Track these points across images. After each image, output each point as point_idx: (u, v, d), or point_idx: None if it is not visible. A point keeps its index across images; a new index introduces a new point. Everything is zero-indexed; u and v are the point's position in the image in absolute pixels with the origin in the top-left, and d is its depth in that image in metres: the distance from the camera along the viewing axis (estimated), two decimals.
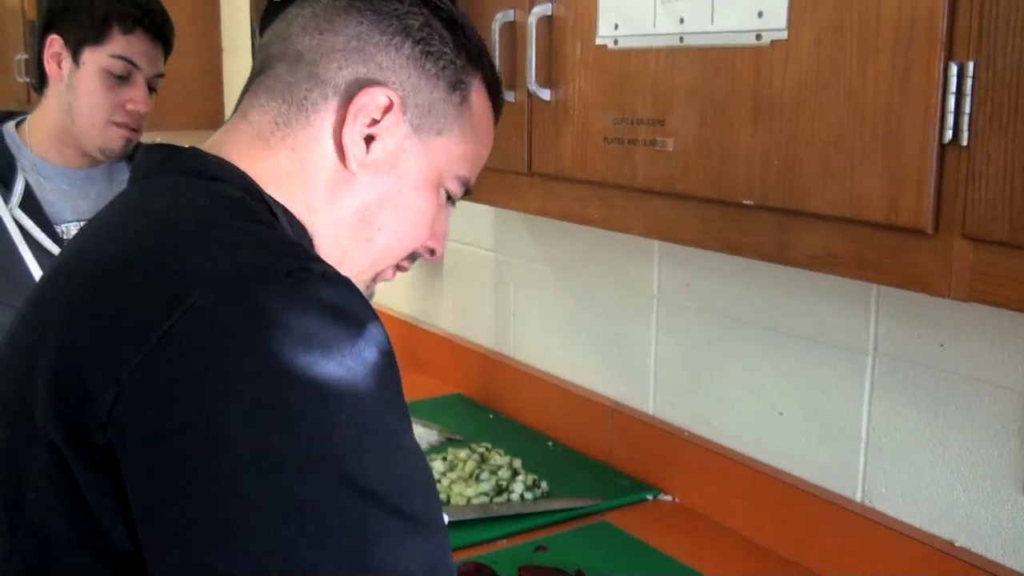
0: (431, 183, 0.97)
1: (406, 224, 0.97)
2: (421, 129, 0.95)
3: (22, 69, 3.83)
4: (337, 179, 0.93)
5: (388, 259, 0.99)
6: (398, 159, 0.94)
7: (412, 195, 0.96)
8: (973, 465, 1.41)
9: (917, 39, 0.96)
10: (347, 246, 0.96)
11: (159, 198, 0.88)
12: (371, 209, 0.95)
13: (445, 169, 0.97)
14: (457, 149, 0.98)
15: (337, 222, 0.94)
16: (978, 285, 0.95)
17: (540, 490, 1.86)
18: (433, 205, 0.98)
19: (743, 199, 1.15)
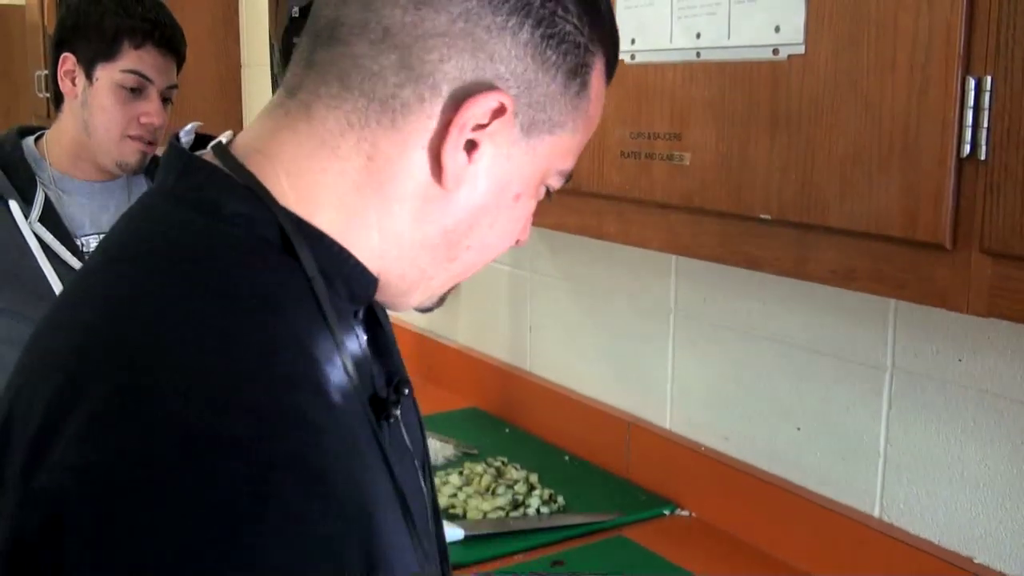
0: (535, 187, 0.80)
1: (498, 237, 0.80)
2: (532, 131, 0.77)
3: (43, 85, 3.86)
4: (427, 196, 0.76)
5: (470, 272, 0.82)
6: (501, 169, 0.77)
7: (511, 205, 0.79)
8: (992, 481, 1.40)
9: (934, 54, 0.96)
10: (426, 266, 0.79)
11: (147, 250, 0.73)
12: (462, 228, 0.78)
13: (550, 168, 0.80)
14: (567, 144, 0.80)
15: (419, 244, 0.77)
16: (997, 300, 0.95)
17: (556, 504, 1.86)
18: (531, 209, 0.82)
19: (761, 214, 1.15)
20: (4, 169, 1.79)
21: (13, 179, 1.78)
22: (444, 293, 0.83)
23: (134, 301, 0.69)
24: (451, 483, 1.93)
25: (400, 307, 0.82)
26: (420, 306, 0.83)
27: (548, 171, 0.80)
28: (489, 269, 2.39)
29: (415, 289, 0.80)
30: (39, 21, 3.96)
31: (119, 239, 0.77)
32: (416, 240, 0.77)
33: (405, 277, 0.78)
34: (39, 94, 3.98)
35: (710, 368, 1.84)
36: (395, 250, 0.77)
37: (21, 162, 1.81)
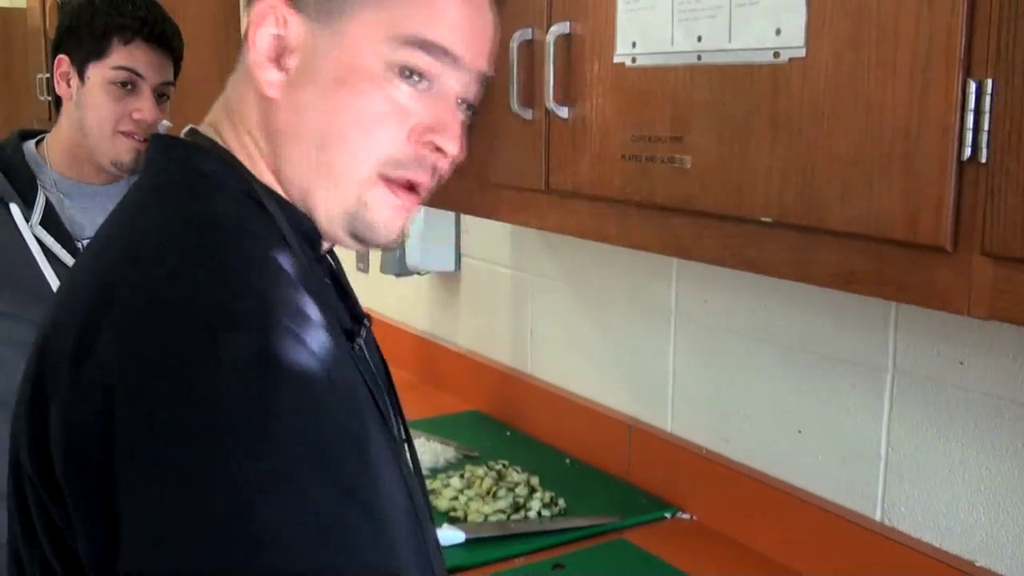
0: (363, 70, 0.84)
1: (353, 126, 0.85)
2: (328, 17, 0.85)
3: (44, 88, 3.87)
4: (265, 113, 0.87)
5: (353, 173, 0.86)
6: (314, 63, 0.85)
7: (343, 93, 0.84)
8: (993, 484, 1.40)
9: (935, 57, 0.96)
10: (306, 179, 0.87)
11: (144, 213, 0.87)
12: (298, 128, 0.86)
13: (373, 46, 0.84)
14: (379, 16, 0.84)
15: (279, 157, 0.87)
16: (998, 302, 0.95)
17: (558, 507, 1.86)
18: (381, 93, 0.85)
19: (761, 216, 1.15)
20: (5, 172, 1.79)
21: (14, 182, 1.78)
22: (354, 208, 0.87)
23: (146, 236, 0.82)
24: (452, 486, 1.93)
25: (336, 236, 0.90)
26: (353, 233, 0.89)
27: (376, 49, 0.84)
28: (490, 272, 2.40)
29: (311, 207, 0.87)
30: (40, 24, 3.96)
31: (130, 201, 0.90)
32: (276, 155, 0.87)
33: (297, 200, 0.88)
34: (40, 97, 3.98)
35: (711, 371, 1.84)
36: (277, 177, 0.88)
37: (22, 165, 1.81)
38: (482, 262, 2.47)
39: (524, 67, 1.48)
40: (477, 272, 2.49)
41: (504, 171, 1.57)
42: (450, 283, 2.62)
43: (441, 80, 0.87)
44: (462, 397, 2.53)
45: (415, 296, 2.78)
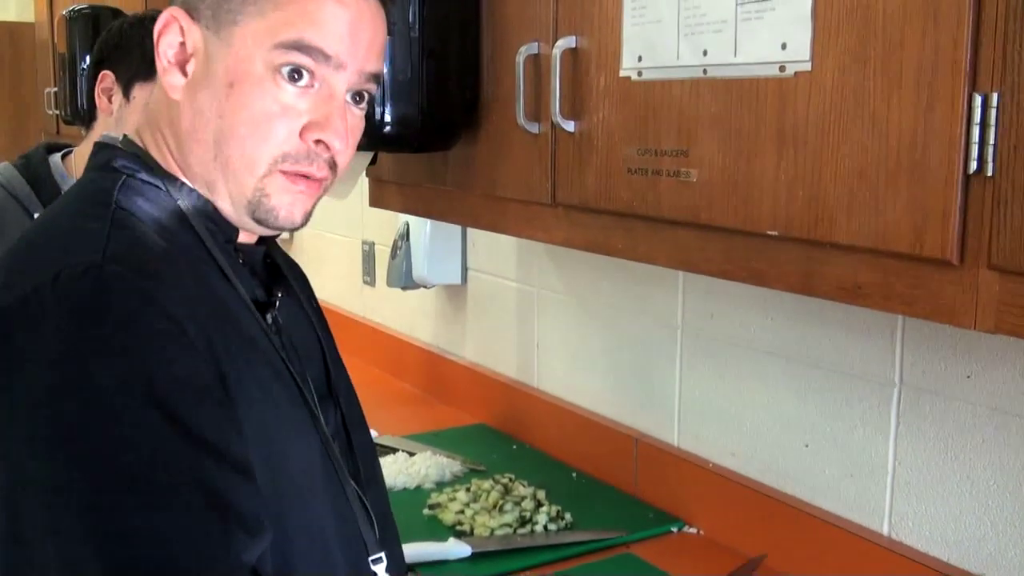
0: (250, 74, 0.94)
1: (245, 125, 0.94)
2: (218, 26, 0.95)
3: (52, 102, 3.88)
4: (171, 115, 0.98)
5: (251, 168, 0.96)
6: (208, 67, 0.95)
7: (232, 94, 0.94)
8: (1001, 498, 1.40)
9: (941, 70, 0.96)
10: (209, 173, 0.97)
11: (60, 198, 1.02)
12: (198, 125, 0.96)
13: (258, 52, 0.94)
14: (262, 24, 0.94)
15: (185, 152, 0.98)
16: (1005, 316, 0.94)
17: (564, 521, 1.85)
18: (269, 95, 0.94)
19: (768, 230, 1.15)
20: (32, 184, 1.82)
21: (40, 193, 1.81)
22: (254, 197, 0.97)
23: (42, 218, 1.00)
24: (458, 499, 1.92)
25: (242, 222, 0.99)
26: (255, 218, 0.98)
27: (259, 55, 0.93)
28: (496, 286, 2.40)
29: (216, 195, 0.98)
30: (49, 38, 3.98)
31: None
32: (182, 151, 0.97)
33: (203, 189, 0.98)
34: (48, 111, 3.99)
35: (717, 384, 1.84)
36: (188, 169, 0.98)
37: (48, 177, 1.85)
38: (488, 275, 2.47)
39: (530, 81, 1.48)
40: (483, 285, 2.50)
41: (510, 185, 1.57)
42: (456, 296, 2.62)
43: (326, 81, 0.96)
44: (468, 410, 2.53)
45: (421, 309, 2.78)
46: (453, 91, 1.62)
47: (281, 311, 1.03)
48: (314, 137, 0.96)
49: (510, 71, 1.51)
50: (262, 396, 0.93)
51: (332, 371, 1.11)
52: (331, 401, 1.09)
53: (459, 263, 2.56)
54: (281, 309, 1.03)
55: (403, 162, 1.84)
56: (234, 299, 0.96)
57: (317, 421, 1.01)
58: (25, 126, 4.91)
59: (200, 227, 0.97)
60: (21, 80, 5.03)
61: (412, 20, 1.57)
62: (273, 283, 1.07)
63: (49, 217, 1.00)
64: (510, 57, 1.51)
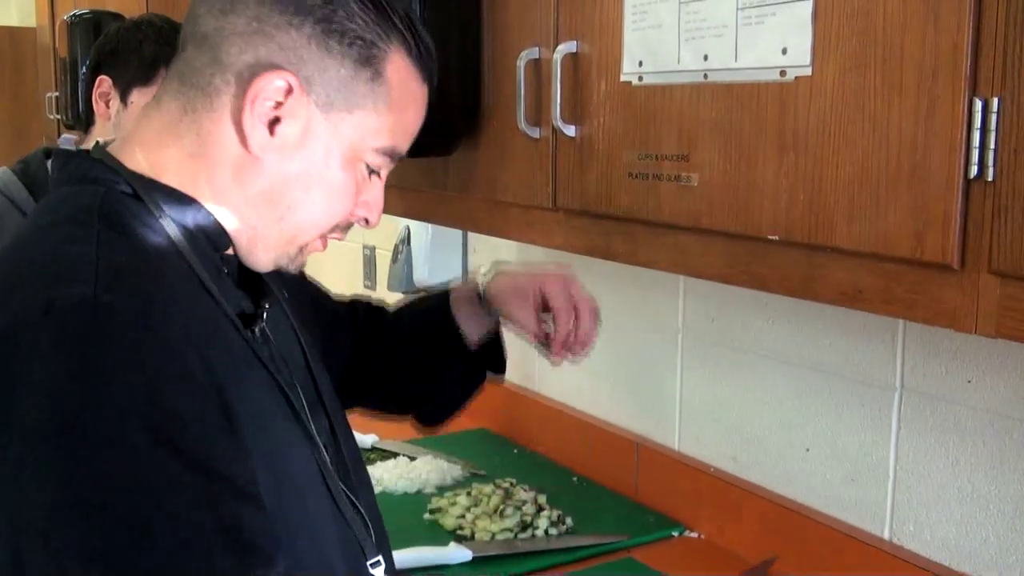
0: (345, 160, 0.98)
1: (320, 202, 0.98)
2: (330, 108, 0.96)
3: (54, 106, 3.88)
4: (242, 162, 0.96)
5: (307, 234, 1.00)
6: (306, 140, 0.96)
7: (324, 174, 0.97)
8: (1002, 503, 1.40)
9: (941, 75, 0.96)
10: (257, 224, 0.98)
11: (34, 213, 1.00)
12: (279, 189, 0.97)
13: (360, 144, 0.98)
14: (372, 123, 0.98)
15: (244, 203, 0.97)
16: (1005, 321, 0.94)
17: (565, 526, 1.85)
18: (351, 180, 0.99)
19: (768, 234, 1.15)
20: (29, 188, 1.82)
21: (38, 199, 1.81)
22: (293, 254, 1.01)
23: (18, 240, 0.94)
24: (459, 504, 1.92)
25: (257, 265, 1.01)
26: (277, 265, 1.02)
27: (360, 147, 0.98)
28: None
29: (255, 245, 0.99)
30: (50, 43, 3.98)
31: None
32: (240, 199, 0.96)
33: (242, 232, 0.98)
34: (50, 115, 3.99)
35: (718, 388, 1.84)
36: (225, 207, 0.97)
37: (46, 182, 1.83)
38: None
39: (531, 86, 1.48)
40: None
41: (511, 189, 1.57)
42: None
43: (384, 168, 1.03)
44: (469, 415, 2.51)
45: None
46: (454, 96, 1.62)
47: (268, 321, 1.03)
48: (363, 215, 1.03)
49: (511, 76, 1.51)
50: (259, 413, 0.92)
51: (317, 377, 1.11)
52: (320, 408, 1.09)
53: (460, 267, 2.56)
54: (268, 319, 1.03)
55: (404, 166, 1.83)
56: (222, 319, 0.95)
57: (310, 431, 1.01)
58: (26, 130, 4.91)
59: (183, 243, 0.94)
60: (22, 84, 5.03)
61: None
62: (255, 289, 1.05)
63: (27, 238, 0.94)
64: (511, 62, 1.51)
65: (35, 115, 4.67)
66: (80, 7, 2.96)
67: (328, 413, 1.10)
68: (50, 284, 0.83)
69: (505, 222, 1.62)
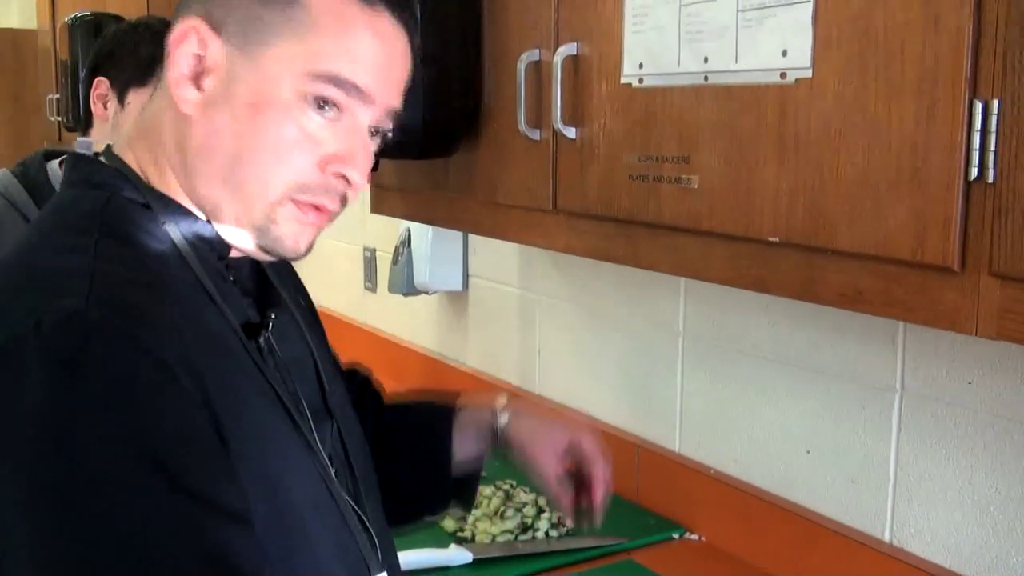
0: (278, 100, 0.90)
1: (262, 151, 0.91)
2: (246, 44, 0.90)
3: (55, 108, 3.88)
4: (181, 127, 0.93)
5: (264, 193, 0.92)
6: (231, 87, 0.91)
7: (255, 118, 0.90)
8: (1003, 505, 1.39)
9: (942, 77, 0.96)
10: (215, 194, 0.93)
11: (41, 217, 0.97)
12: (212, 144, 0.92)
13: (289, 79, 0.90)
14: (296, 51, 0.90)
15: (190, 171, 0.93)
16: (1006, 323, 0.94)
17: (565, 528, 1.85)
18: (293, 122, 0.91)
19: (769, 236, 1.15)
20: (29, 191, 1.82)
21: (38, 201, 1.81)
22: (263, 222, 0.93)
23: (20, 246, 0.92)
24: None
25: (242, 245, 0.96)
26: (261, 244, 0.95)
27: (291, 81, 0.90)
28: (498, 292, 2.40)
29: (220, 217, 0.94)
30: (51, 45, 3.99)
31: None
32: (187, 168, 0.93)
33: (203, 208, 0.94)
34: (51, 118, 4.00)
35: (719, 390, 1.84)
36: (190, 187, 0.93)
37: (46, 184, 1.85)
38: (490, 282, 2.47)
39: (531, 88, 1.49)
40: (485, 292, 2.50)
41: (512, 191, 1.57)
42: (458, 303, 2.62)
43: (352, 113, 0.93)
44: None
45: (423, 316, 2.78)
46: (455, 98, 1.63)
47: (273, 330, 0.99)
48: (336, 170, 0.93)
49: (511, 78, 1.51)
50: (257, 429, 0.90)
51: (327, 386, 1.07)
52: (327, 417, 1.05)
53: (461, 270, 2.56)
54: (274, 328, 0.99)
55: (405, 169, 1.84)
56: (224, 326, 0.92)
57: (313, 445, 0.98)
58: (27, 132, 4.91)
59: (187, 250, 0.92)
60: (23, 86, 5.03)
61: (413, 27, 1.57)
62: (263, 297, 1.03)
63: (27, 246, 0.92)
64: (511, 64, 1.51)
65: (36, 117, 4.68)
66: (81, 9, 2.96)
67: (338, 423, 1.07)
68: (42, 297, 0.82)
69: (506, 224, 1.62)
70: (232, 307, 0.94)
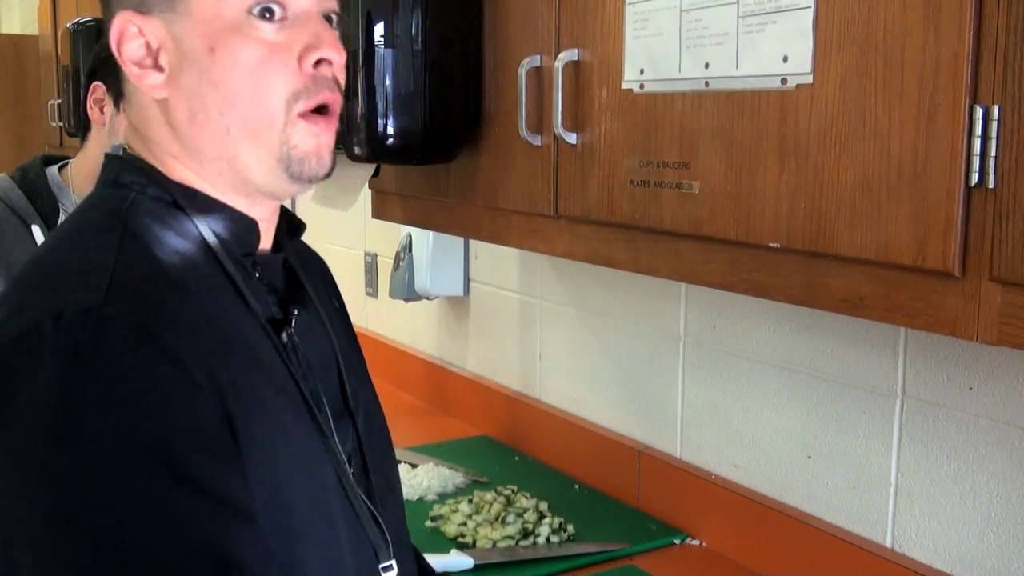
0: (226, 30, 0.92)
1: (243, 81, 0.92)
2: (172, 4, 0.92)
3: (56, 114, 3.89)
4: (162, 109, 0.95)
5: (268, 121, 0.94)
6: (182, 47, 0.93)
7: (215, 62, 0.92)
8: (1005, 510, 1.39)
9: (942, 83, 0.96)
10: (227, 148, 0.94)
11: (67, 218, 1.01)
12: (198, 106, 0.93)
13: (220, 8, 0.92)
14: None
15: (200, 145, 0.95)
16: (1006, 328, 0.94)
17: (567, 533, 1.85)
18: (251, 41, 0.92)
19: (770, 242, 1.15)
20: (28, 195, 1.83)
21: (37, 205, 1.82)
22: (280, 148, 0.94)
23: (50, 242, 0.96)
24: (461, 511, 1.92)
25: (274, 189, 0.97)
26: (292, 175, 0.95)
27: (225, 9, 0.91)
28: (499, 297, 2.40)
29: (246, 172, 0.95)
30: (52, 51, 3.99)
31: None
32: (192, 146, 0.94)
33: (221, 174, 0.95)
34: (52, 123, 4.00)
35: (720, 396, 1.84)
36: (193, 164, 0.95)
37: (45, 189, 1.85)
38: (491, 287, 2.47)
39: (532, 94, 1.49)
40: (486, 297, 2.50)
41: (513, 197, 1.57)
42: (459, 308, 2.62)
43: (297, 7, 0.94)
44: (471, 422, 2.53)
45: (424, 321, 2.78)
46: (456, 103, 1.63)
47: (297, 327, 1.00)
48: (313, 59, 0.94)
49: (512, 83, 1.51)
50: (273, 428, 0.91)
51: (348, 386, 1.07)
52: (347, 417, 1.06)
53: (461, 275, 2.56)
54: (297, 325, 1.00)
55: (406, 174, 1.84)
56: (248, 321, 0.93)
57: (331, 445, 0.98)
58: (29, 138, 4.92)
59: (216, 244, 0.94)
60: (25, 92, 5.04)
61: (415, 33, 1.57)
62: (291, 296, 1.04)
63: (56, 242, 0.95)
64: (512, 70, 1.51)
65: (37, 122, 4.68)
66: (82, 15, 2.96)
67: (357, 424, 1.07)
68: (64, 292, 0.84)
69: (507, 229, 1.63)
70: (258, 302, 0.96)
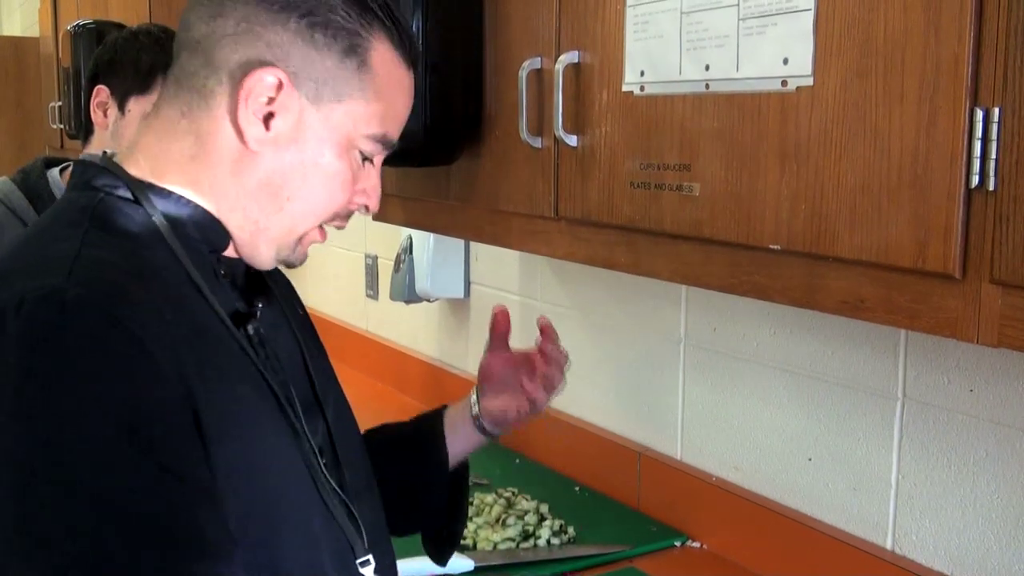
0: (339, 148, 1.01)
1: (317, 190, 1.01)
2: (320, 99, 0.99)
3: (57, 116, 3.89)
4: (240, 158, 0.99)
5: (306, 223, 1.03)
6: (300, 131, 0.99)
7: (319, 162, 1.00)
8: (1005, 512, 1.39)
9: (942, 85, 0.96)
10: (258, 217, 1.01)
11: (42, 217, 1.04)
12: (277, 181, 1.00)
13: (352, 133, 1.01)
14: (362, 111, 1.01)
15: (244, 197, 1.00)
16: (1007, 330, 0.94)
17: (567, 536, 1.85)
18: (346, 168, 1.02)
19: (770, 244, 1.15)
20: (30, 198, 1.83)
21: (38, 208, 1.82)
22: (293, 245, 1.04)
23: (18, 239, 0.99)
24: None
25: (259, 260, 1.04)
26: (280, 259, 1.05)
27: (352, 135, 1.01)
28: (499, 299, 2.40)
29: (258, 239, 1.02)
30: (53, 53, 3.99)
31: None
32: (241, 194, 1.00)
33: (244, 228, 1.01)
34: (53, 125, 4.00)
35: (720, 398, 1.84)
36: (226, 204, 1.00)
37: (46, 191, 1.85)
38: (491, 289, 2.47)
39: (533, 96, 1.49)
40: (486, 299, 2.50)
41: (513, 199, 1.58)
42: (459, 310, 2.62)
43: (379, 155, 1.06)
44: None
45: (424, 323, 2.78)
46: (456, 106, 1.63)
47: (263, 322, 1.04)
48: (360, 201, 1.06)
49: (513, 86, 1.51)
50: (241, 418, 0.94)
51: (316, 380, 1.11)
52: (317, 411, 1.09)
53: (462, 277, 2.56)
54: (263, 320, 1.04)
55: (406, 176, 1.84)
56: (211, 317, 0.96)
57: (299, 435, 1.01)
58: (29, 140, 4.92)
59: (176, 243, 0.97)
60: (26, 94, 5.05)
61: (415, 35, 1.58)
62: (255, 293, 1.07)
63: (23, 239, 0.99)
64: (513, 72, 1.51)
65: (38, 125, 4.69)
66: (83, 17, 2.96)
67: (327, 417, 1.10)
68: (28, 278, 0.87)
69: (507, 231, 1.63)
70: (219, 298, 0.99)
